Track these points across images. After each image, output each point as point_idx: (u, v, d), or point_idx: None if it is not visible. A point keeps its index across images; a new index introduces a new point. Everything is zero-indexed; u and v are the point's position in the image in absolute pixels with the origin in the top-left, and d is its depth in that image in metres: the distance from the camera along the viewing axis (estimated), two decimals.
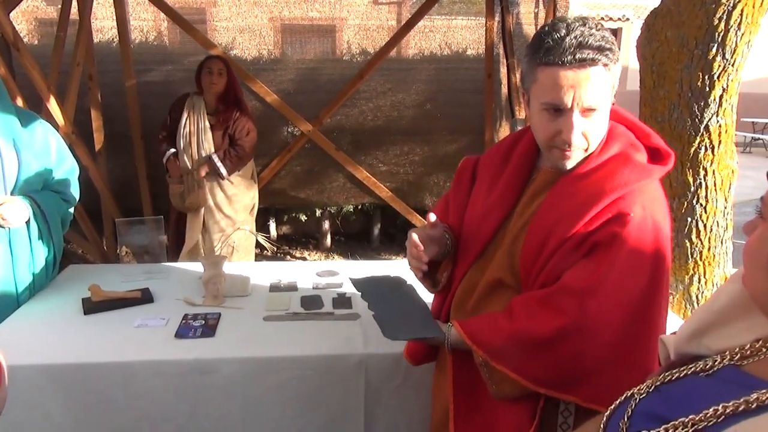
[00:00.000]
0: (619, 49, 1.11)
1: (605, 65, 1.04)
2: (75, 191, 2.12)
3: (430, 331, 1.22)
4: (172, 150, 3.30)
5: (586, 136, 1.09)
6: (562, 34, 1.02)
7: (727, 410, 0.55)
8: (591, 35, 1.03)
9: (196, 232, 3.40)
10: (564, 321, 1.05)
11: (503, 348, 1.11)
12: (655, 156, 1.14)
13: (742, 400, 0.54)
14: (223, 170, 3.27)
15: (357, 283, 1.34)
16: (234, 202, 3.42)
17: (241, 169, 3.40)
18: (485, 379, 1.17)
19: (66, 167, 2.06)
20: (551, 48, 1.03)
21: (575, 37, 1.02)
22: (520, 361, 1.09)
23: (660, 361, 0.83)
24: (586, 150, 1.12)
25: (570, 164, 1.14)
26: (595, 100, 1.05)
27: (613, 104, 1.15)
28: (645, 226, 1.07)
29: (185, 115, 3.25)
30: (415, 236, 1.21)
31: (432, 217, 1.24)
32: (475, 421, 1.24)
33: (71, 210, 2.13)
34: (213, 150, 3.28)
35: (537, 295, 1.11)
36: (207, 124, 3.27)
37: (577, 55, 1.01)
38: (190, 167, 3.29)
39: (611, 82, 1.07)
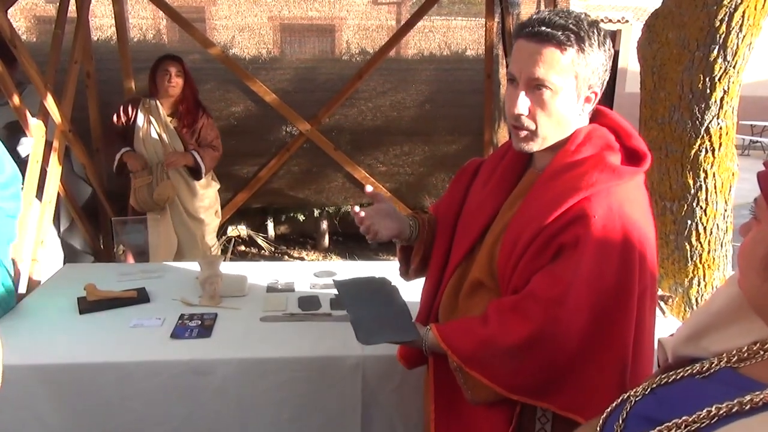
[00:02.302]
0: (618, 50, 1.09)
1: (560, 44, 1.02)
2: (19, 202, 1.86)
3: (405, 335, 1.19)
4: (127, 148, 3.12)
5: (534, 116, 1.08)
6: (539, 14, 1.06)
7: (720, 411, 0.55)
8: (560, 17, 1.04)
9: (170, 232, 3.28)
10: (532, 328, 1.04)
11: (476, 354, 1.10)
12: (632, 157, 1.11)
13: (735, 401, 0.54)
14: (203, 166, 3.20)
15: (339, 285, 1.31)
16: (198, 198, 3.32)
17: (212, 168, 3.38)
18: (460, 384, 1.15)
19: (6, 176, 1.78)
20: (523, 23, 1.08)
21: (543, 15, 1.05)
22: (493, 368, 1.08)
23: (659, 363, 0.83)
24: (537, 136, 1.10)
25: (525, 147, 1.12)
26: (542, 75, 1.04)
27: (602, 105, 1.14)
28: (611, 227, 1.04)
29: (142, 119, 3.12)
30: (357, 208, 1.26)
31: (368, 188, 1.30)
32: (455, 425, 1.23)
33: (15, 224, 1.88)
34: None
35: (508, 301, 1.10)
36: (171, 128, 3.16)
37: (536, 28, 1.04)
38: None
39: (570, 68, 1.04)
